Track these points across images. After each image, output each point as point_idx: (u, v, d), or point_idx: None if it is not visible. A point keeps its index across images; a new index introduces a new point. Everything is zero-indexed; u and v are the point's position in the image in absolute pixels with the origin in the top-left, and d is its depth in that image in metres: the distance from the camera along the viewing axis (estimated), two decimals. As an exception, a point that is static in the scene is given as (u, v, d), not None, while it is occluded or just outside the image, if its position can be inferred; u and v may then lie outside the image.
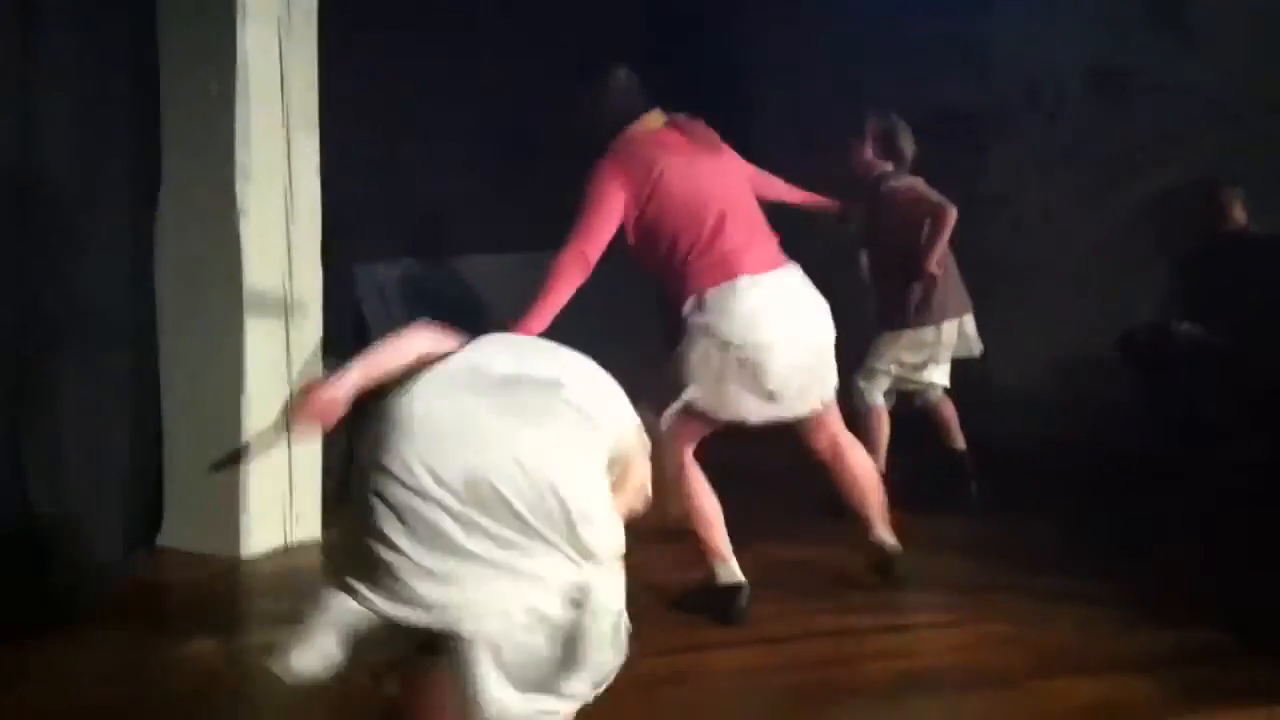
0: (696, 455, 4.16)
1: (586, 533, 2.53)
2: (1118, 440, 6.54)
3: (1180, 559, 4.91)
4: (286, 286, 4.69)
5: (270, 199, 4.62)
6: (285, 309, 4.69)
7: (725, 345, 3.92)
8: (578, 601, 2.54)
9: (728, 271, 3.95)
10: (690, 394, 3.98)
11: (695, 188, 4.00)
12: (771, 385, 3.98)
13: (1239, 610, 4.26)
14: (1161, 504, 5.73)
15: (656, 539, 4.59)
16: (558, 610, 2.53)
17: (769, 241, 4.12)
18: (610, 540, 2.61)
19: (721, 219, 4.00)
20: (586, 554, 2.55)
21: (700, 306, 3.95)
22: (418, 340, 2.73)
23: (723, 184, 4.08)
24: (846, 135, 5.49)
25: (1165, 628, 4.11)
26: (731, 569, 4.13)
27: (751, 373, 3.95)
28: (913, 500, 5.30)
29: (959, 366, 5.82)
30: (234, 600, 4.26)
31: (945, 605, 4.35)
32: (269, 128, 4.61)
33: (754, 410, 4.02)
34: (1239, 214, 6.57)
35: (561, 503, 2.49)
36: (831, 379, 4.18)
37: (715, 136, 4.19)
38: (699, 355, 3.95)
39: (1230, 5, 6.85)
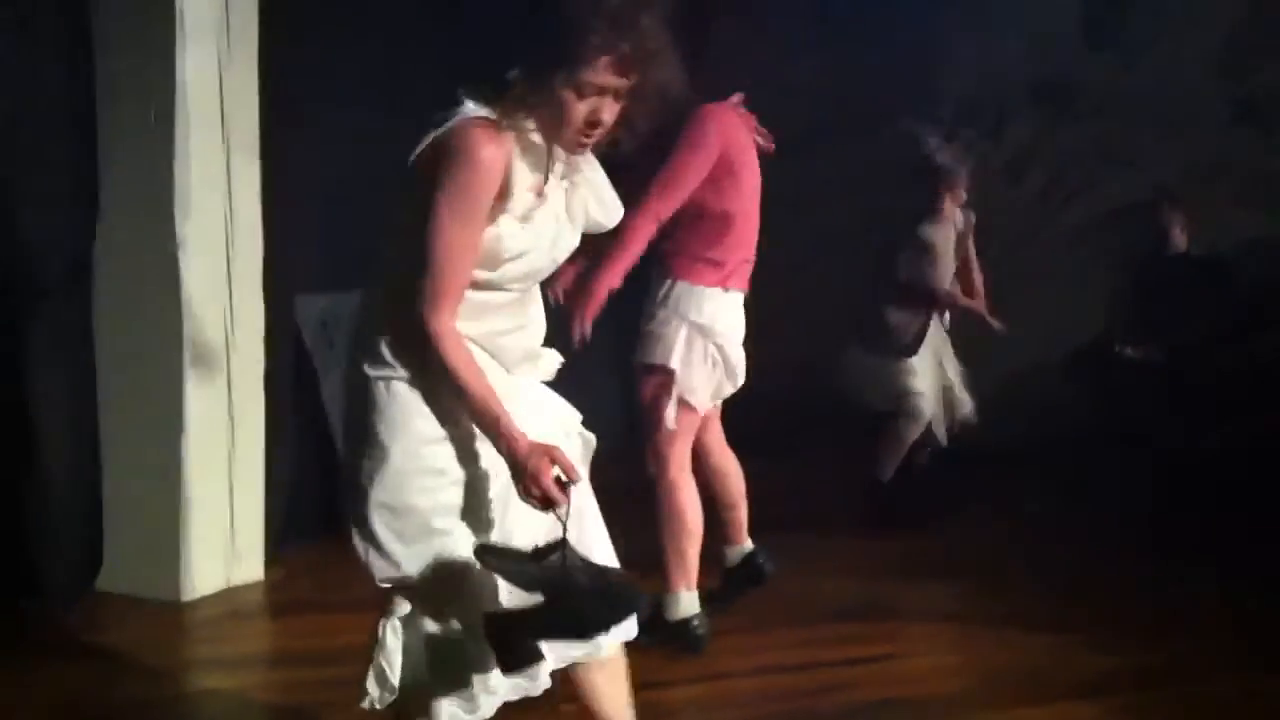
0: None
1: None
2: (1060, 451, 6.63)
3: (1125, 577, 4.96)
4: (227, 318, 4.58)
5: (210, 228, 4.50)
6: (226, 341, 4.57)
7: (708, 332, 4.02)
8: None
9: (726, 280, 4.05)
10: (680, 378, 4.02)
11: (752, 187, 4.11)
12: (727, 376, 4.10)
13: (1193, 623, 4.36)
14: (1105, 518, 5.83)
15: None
16: None
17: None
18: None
19: (749, 228, 4.12)
20: None
21: (689, 297, 4.01)
22: None
23: (756, 190, 4.16)
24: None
25: (1109, 652, 4.16)
26: (693, 598, 4.12)
27: (718, 359, 4.06)
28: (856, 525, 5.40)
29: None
30: (174, 645, 4.14)
31: (896, 636, 4.38)
32: (209, 154, 4.49)
33: (707, 399, 4.11)
34: (1180, 234, 6.69)
35: None
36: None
37: None
38: (683, 339, 4.00)
39: (1159, 25, 6.96)
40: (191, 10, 4.37)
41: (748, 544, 4.46)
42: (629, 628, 2.70)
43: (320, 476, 5.16)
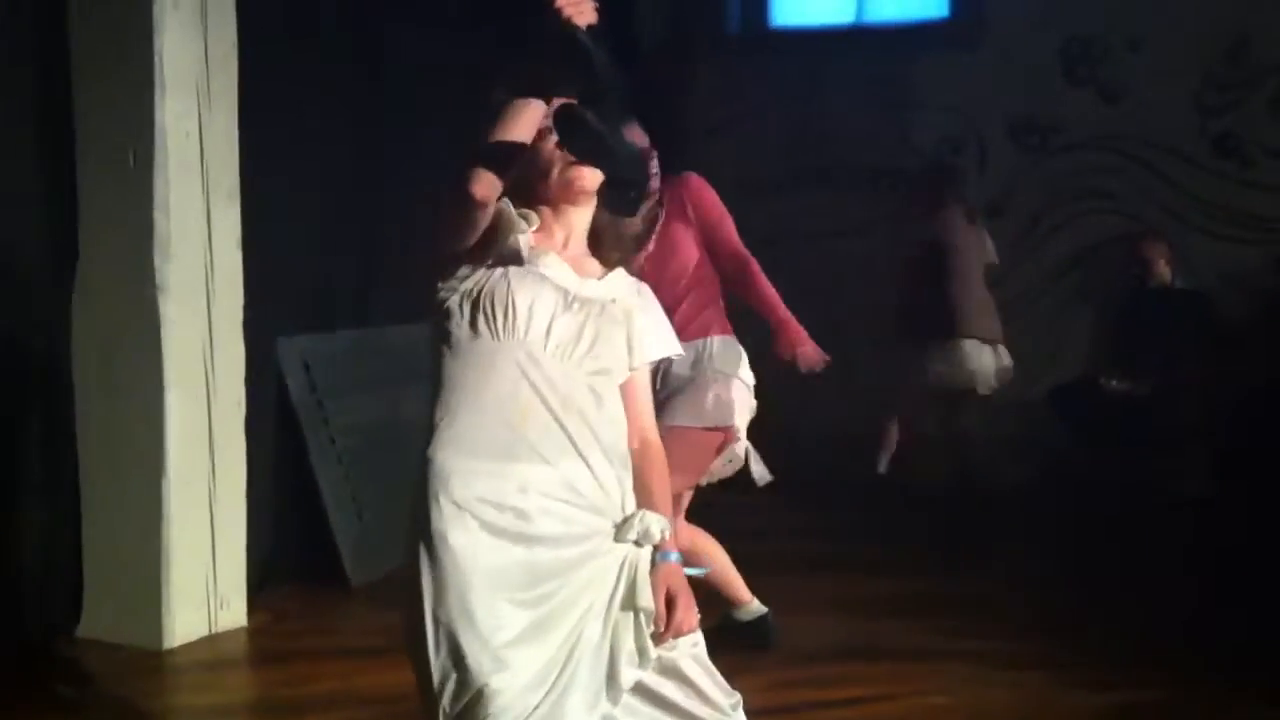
0: None
1: None
2: (1046, 487, 6.62)
3: (1113, 614, 4.94)
4: (208, 362, 4.54)
5: (190, 271, 4.47)
6: (207, 385, 4.53)
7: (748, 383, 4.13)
8: None
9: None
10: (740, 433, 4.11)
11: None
12: None
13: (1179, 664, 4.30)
14: (1093, 556, 5.81)
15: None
16: None
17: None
18: None
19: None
20: None
21: (730, 352, 4.10)
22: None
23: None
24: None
25: (1099, 689, 4.12)
26: (755, 603, 4.38)
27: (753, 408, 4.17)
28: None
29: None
30: (156, 693, 4.08)
31: (876, 676, 4.32)
32: (188, 198, 4.46)
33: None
34: (1163, 268, 6.71)
35: None
36: None
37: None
38: (740, 397, 4.08)
39: (1138, 62, 7.03)
40: (170, 55, 4.35)
41: (756, 604, 4.43)
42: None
43: (303, 521, 5.13)
